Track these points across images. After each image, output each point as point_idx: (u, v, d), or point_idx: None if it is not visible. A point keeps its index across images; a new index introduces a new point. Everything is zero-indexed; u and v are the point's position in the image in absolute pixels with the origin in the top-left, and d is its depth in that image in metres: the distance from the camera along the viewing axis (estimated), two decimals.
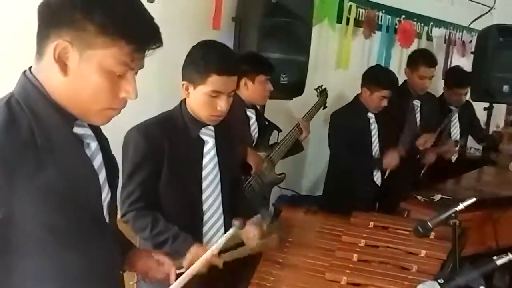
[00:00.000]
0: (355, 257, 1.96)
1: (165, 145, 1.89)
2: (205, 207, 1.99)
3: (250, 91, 2.69)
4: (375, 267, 1.92)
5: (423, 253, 1.95)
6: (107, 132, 1.28)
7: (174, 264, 1.56)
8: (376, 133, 3.35)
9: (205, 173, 1.98)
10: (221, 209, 2.03)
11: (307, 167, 4.19)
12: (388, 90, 3.22)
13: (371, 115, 3.33)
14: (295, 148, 3.07)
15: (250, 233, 1.92)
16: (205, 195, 1.99)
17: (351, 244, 2.04)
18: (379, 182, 3.38)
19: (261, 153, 2.84)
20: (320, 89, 3.38)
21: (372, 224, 2.14)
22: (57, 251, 1.10)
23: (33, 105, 1.08)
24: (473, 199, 1.81)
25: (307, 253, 2.01)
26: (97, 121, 1.16)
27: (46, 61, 1.07)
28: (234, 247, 1.85)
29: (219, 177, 2.02)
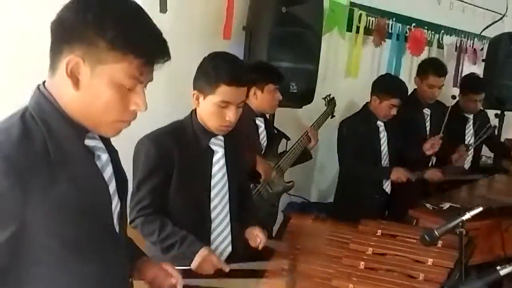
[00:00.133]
0: (362, 264, 1.97)
1: (175, 154, 1.93)
2: (213, 215, 2.02)
3: (259, 100, 2.72)
4: (381, 275, 1.93)
5: (430, 261, 1.95)
6: (116, 142, 1.30)
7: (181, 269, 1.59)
8: (385, 142, 3.36)
9: (213, 183, 2.01)
10: (228, 218, 2.05)
11: (317, 174, 4.18)
12: (397, 98, 3.22)
13: (380, 123, 3.34)
14: (304, 156, 3.08)
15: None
16: (213, 204, 2.01)
17: (359, 252, 2.05)
18: (388, 190, 3.38)
19: (270, 161, 2.86)
20: (328, 98, 3.40)
21: (380, 232, 2.14)
22: (70, 262, 1.12)
23: (47, 119, 1.10)
24: (480, 209, 1.81)
25: (314, 260, 2.02)
26: (107, 133, 1.18)
27: (59, 76, 1.10)
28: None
29: (227, 187, 2.04)
